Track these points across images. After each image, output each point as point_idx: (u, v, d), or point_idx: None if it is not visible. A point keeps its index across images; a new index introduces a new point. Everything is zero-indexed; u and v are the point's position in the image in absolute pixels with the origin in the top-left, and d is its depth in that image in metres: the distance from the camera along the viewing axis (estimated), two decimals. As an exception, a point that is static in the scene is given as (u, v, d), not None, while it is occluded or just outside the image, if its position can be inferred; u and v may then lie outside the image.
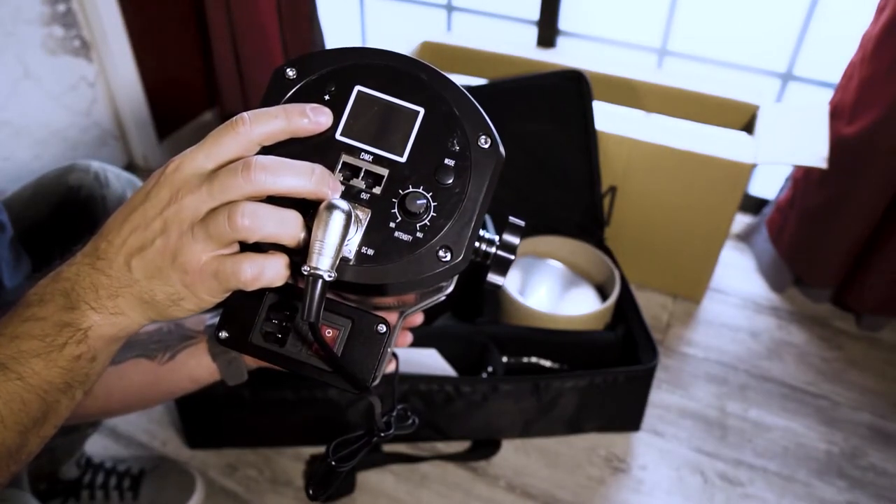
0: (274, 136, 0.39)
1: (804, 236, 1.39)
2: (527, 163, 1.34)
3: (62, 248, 0.75)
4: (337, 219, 0.36)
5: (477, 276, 0.42)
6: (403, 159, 0.41)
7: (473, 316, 1.25)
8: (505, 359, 1.16)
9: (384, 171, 0.40)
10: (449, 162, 0.41)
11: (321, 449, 1.13)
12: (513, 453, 1.15)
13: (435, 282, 0.42)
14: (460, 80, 1.40)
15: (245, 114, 0.39)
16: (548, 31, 1.67)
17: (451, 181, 0.40)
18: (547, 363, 1.18)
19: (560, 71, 1.29)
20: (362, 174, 0.41)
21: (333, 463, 0.48)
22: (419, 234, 0.40)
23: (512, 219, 0.44)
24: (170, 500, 1.04)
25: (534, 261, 1.36)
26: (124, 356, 0.65)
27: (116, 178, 0.83)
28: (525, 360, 1.18)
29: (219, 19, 1.70)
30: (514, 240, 0.43)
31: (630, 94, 1.50)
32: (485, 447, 1.15)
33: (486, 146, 0.41)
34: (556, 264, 1.37)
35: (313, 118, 0.40)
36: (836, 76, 1.30)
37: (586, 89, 1.27)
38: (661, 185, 1.33)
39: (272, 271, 0.39)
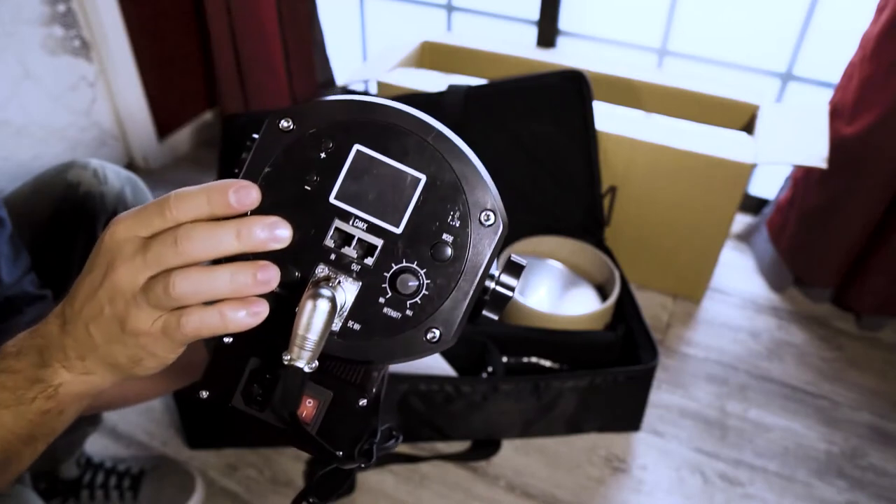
0: (200, 218, 0.37)
1: (804, 236, 1.39)
2: (527, 163, 1.34)
3: (60, 245, 0.76)
4: (320, 313, 0.35)
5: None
6: (399, 230, 0.38)
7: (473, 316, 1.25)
8: (505, 359, 1.16)
9: (378, 242, 0.39)
10: (447, 237, 0.38)
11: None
12: (513, 453, 1.15)
13: (421, 358, 0.41)
14: (460, 80, 1.39)
15: (172, 196, 0.37)
16: (548, 31, 1.67)
17: (446, 258, 0.38)
18: (547, 363, 1.18)
19: (560, 71, 1.29)
20: (355, 242, 0.39)
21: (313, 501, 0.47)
22: (409, 313, 0.39)
23: (514, 257, 0.42)
24: (170, 500, 1.04)
25: (534, 261, 1.36)
26: None
27: (115, 175, 0.83)
28: (525, 360, 1.18)
29: (219, 19, 1.70)
30: (513, 281, 0.42)
31: (630, 94, 1.50)
32: (485, 447, 1.15)
33: (489, 223, 0.39)
34: (556, 264, 1.37)
35: (236, 199, 0.37)
36: (836, 76, 1.30)
37: (586, 89, 1.27)
38: (661, 185, 1.33)
39: (211, 323, 0.37)
